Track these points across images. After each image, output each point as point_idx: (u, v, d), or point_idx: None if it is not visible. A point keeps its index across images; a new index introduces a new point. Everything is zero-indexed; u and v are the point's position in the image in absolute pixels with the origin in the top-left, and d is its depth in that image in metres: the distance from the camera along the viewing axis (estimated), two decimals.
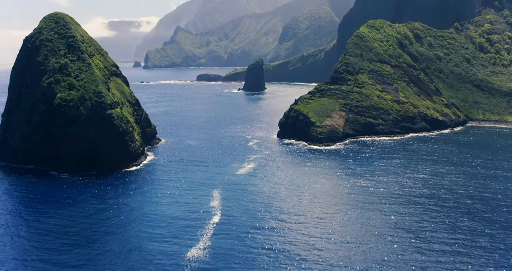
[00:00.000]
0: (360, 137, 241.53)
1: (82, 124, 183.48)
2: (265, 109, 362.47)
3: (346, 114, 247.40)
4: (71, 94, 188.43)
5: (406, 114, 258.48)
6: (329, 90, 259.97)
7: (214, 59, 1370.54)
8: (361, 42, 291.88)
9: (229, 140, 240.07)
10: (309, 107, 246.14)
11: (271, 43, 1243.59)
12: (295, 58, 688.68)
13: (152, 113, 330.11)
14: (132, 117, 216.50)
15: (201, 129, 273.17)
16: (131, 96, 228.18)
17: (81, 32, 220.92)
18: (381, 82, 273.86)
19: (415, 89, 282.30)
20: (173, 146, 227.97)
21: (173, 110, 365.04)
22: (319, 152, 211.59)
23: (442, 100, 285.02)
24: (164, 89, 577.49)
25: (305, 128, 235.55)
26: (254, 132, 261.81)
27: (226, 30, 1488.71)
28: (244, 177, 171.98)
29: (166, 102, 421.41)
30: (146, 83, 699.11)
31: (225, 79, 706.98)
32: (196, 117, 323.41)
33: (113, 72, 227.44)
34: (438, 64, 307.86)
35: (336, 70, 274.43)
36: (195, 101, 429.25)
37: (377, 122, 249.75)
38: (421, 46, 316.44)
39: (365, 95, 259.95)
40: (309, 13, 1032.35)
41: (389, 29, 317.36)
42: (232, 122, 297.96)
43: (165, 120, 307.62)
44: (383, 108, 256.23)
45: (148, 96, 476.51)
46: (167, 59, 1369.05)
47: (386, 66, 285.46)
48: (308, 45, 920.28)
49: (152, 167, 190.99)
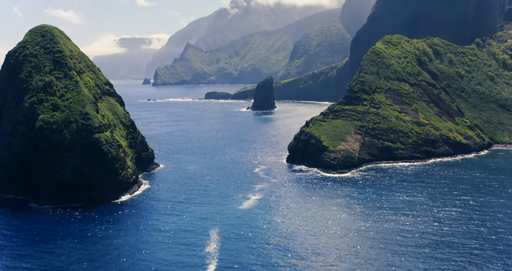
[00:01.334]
0: (377, 162, 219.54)
1: (66, 150, 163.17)
2: (274, 130, 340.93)
3: (361, 137, 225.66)
4: (55, 116, 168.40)
5: (427, 138, 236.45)
6: (343, 111, 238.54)
7: (224, 76, 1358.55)
8: (378, 58, 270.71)
9: (234, 165, 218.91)
10: (321, 130, 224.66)
11: (281, 61, 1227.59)
12: (306, 76, 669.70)
13: (153, 135, 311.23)
14: (126, 141, 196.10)
15: (204, 153, 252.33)
16: (126, 117, 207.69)
17: (70, 47, 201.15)
18: (399, 102, 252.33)
19: (435, 109, 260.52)
20: (172, 172, 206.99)
21: (176, 130, 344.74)
22: (333, 181, 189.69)
23: (465, 121, 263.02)
24: (171, 108, 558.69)
25: (317, 153, 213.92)
26: (262, 156, 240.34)
27: (236, 48, 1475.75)
28: (249, 212, 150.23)
29: (170, 122, 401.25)
30: (153, 101, 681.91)
31: (234, 97, 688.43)
32: (200, 138, 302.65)
33: (106, 91, 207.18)
34: (460, 83, 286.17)
35: (351, 89, 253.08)
36: (201, 121, 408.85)
37: (396, 147, 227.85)
38: (441, 63, 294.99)
39: (382, 117, 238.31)
40: (320, 30, 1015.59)
41: (406, 45, 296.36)
42: (238, 144, 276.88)
43: (167, 142, 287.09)
44: (402, 131, 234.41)
45: (153, 115, 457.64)
46: (176, 77, 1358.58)
47: (405, 85, 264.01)
48: (319, 63, 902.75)
49: (145, 198, 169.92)
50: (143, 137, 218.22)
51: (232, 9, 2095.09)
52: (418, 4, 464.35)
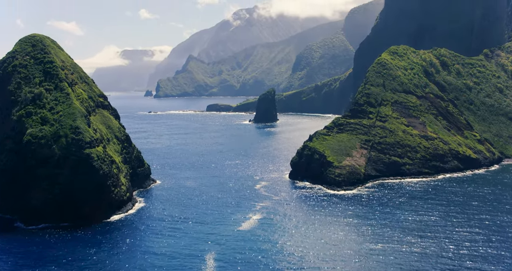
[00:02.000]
0: (384, 178, 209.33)
1: (54, 166, 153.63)
2: (276, 144, 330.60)
3: (367, 152, 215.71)
4: (44, 130, 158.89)
5: (435, 152, 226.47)
6: (348, 124, 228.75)
7: (226, 88, 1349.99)
8: (383, 70, 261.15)
9: (235, 182, 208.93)
10: (325, 144, 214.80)
11: (284, 73, 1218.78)
12: (308, 88, 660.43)
13: (152, 149, 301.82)
14: (120, 156, 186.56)
15: (203, 168, 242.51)
16: (120, 131, 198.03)
17: (62, 57, 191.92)
18: (406, 115, 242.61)
19: (444, 123, 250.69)
20: (169, 189, 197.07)
21: (175, 144, 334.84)
22: (339, 198, 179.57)
23: (474, 135, 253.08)
24: (171, 120, 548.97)
25: (321, 169, 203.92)
26: (263, 172, 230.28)
27: (238, 59, 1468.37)
28: (250, 234, 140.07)
29: (170, 135, 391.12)
30: (153, 113, 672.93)
31: (235, 109, 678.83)
32: (200, 152, 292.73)
33: (100, 103, 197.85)
34: (468, 95, 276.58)
35: (356, 102, 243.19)
36: (202, 134, 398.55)
37: (403, 162, 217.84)
38: (449, 74, 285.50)
39: (389, 130, 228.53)
40: (323, 41, 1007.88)
41: (413, 56, 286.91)
42: (239, 159, 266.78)
43: (165, 156, 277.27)
44: (409, 145, 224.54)
45: (153, 128, 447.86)
46: (178, 88, 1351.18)
47: (412, 97, 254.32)
48: (322, 75, 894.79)
49: (139, 217, 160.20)
50: (139, 151, 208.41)
51: (234, 21, 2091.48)
52: (422, 15, 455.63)
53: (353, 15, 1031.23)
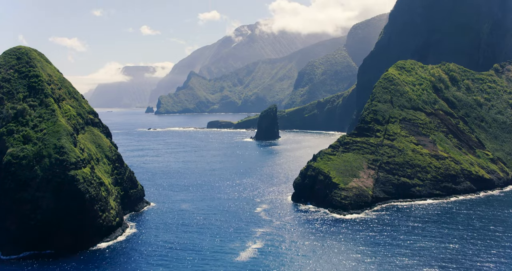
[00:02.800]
0: (393, 201, 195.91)
1: (36, 189, 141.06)
2: (278, 163, 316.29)
3: (375, 173, 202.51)
4: (26, 149, 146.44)
5: (447, 173, 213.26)
6: (354, 143, 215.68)
7: (227, 105, 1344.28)
8: (391, 85, 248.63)
9: (234, 204, 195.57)
10: (330, 164, 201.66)
11: (286, 89, 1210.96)
12: (311, 105, 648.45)
13: (148, 168, 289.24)
14: (110, 178, 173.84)
15: (201, 189, 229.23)
16: (111, 150, 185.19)
17: (49, 71, 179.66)
18: (415, 133, 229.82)
19: (454, 141, 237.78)
20: (163, 213, 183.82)
21: (173, 162, 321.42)
22: (345, 223, 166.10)
23: (486, 154, 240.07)
24: (171, 137, 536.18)
25: (326, 191, 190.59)
26: (264, 193, 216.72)
27: (240, 76, 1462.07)
28: (248, 265, 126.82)
29: (168, 153, 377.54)
30: (153, 130, 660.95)
31: (237, 126, 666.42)
32: (198, 172, 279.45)
33: (90, 120, 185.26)
34: (479, 112, 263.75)
35: (362, 119, 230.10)
36: (201, 152, 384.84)
37: (413, 183, 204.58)
38: (458, 90, 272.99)
39: (397, 150, 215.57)
40: (325, 58, 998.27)
41: (421, 71, 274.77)
42: (240, 179, 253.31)
43: (161, 176, 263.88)
44: (419, 165, 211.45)
45: (151, 146, 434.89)
46: (179, 105, 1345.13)
47: (421, 114, 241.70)
48: (324, 91, 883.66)
49: (129, 245, 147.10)
50: (132, 172, 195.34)
51: (236, 37, 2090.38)
52: (427, 30, 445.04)
53: (355, 31, 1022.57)
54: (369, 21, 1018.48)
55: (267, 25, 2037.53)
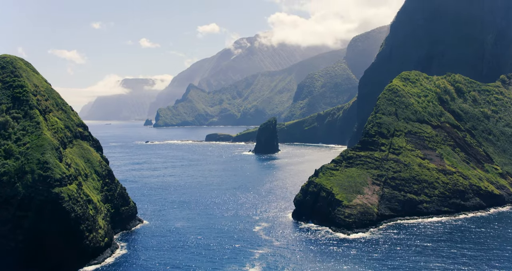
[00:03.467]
0: (400, 218, 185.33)
1: (18, 208, 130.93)
2: (278, 178, 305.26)
3: (380, 189, 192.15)
4: (7, 165, 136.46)
5: (455, 188, 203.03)
6: (358, 157, 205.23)
7: (226, 118, 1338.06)
8: (395, 97, 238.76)
9: (231, 222, 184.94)
10: (333, 180, 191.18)
11: (285, 102, 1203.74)
12: (311, 117, 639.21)
13: (143, 183, 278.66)
14: (100, 195, 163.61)
15: (197, 205, 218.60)
16: (101, 165, 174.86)
17: (35, 81, 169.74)
18: (421, 147, 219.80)
19: (462, 155, 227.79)
20: (156, 232, 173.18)
21: (169, 177, 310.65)
22: (350, 243, 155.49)
23: (495, 168, 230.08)
24: (168, 150, 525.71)
25: (328, 208, 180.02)
26: (263, 210, 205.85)
27: (239, 88, 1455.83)
28: None
29: (165, 167, 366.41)
30: (151, 143, 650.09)
31: (235, 139, 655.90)
32: (195, 187, 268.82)
33: (78, 134, 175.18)
34: (486, 124, 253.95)
35: (366, 132, 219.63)
36: (198, 166, 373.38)
37: (420, 199, 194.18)
38: (464, 102, 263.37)
39: (403, 164, 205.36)
40: (325, 70, 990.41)
41: (426, 82, 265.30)
42: (238, 195, 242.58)
43: (156, 192, 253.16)
44: (426, 181, 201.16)
45: (147, 159, 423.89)
46: (178, 118, 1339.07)
47: (427, 127, 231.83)
48: (324, 104, 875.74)
49: (117, 268, 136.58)
50: (124, 188, 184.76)
51: (235, 50, 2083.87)
52: (430, 41, 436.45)
53: (355, 44, 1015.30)
54: (369, 33, 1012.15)
55: (266, 37, 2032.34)
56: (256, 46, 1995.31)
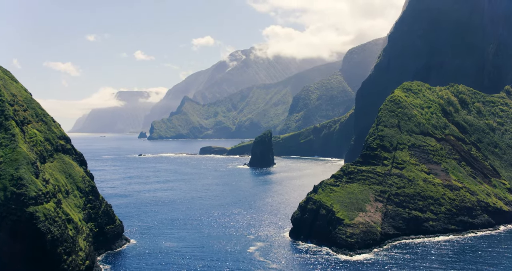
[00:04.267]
0: (404, 237, 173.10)
1: None
2: (274, 193, 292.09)
3: (383, 206, 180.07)
4: None
5: (462, 205, 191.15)
6: (359, 172, 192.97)
7: (221, 130, 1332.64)
8: (398, 108, 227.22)
9: (224, 242, 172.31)
10: (333, 197, 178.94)
11: (281, 114, 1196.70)
12: (307, 130, 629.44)
13: (131, 200, 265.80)
14: (82, 213, 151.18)
15: (188, 223, 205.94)
16: (85, 181, 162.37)
17: (13, 90, 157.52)
18: (426, 161, 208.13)
19: (468, 169, 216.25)
20: (144, 252, 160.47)
21: (160, 192, 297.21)
22: (354, 266, 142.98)
23: (503, 183, 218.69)
24: (162, 164, 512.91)
25: (329, 227, 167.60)
26: (259, 229, 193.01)
27: (234, 101, 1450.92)
28: None
29: (156, 182, 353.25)
30: (144, 156, 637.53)
31: (230, 152, 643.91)
32: (187, 203, 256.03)
33: (60, 147, 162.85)
34: (492, 137, 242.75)
35: (368, 146, 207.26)
36: (191, 181, 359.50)
37: (426, 217, 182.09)
38: (469, 113, 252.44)
39: (407, 179, 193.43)
40: (320, 82, 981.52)
41: (429, 93, 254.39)
42: (231, 212, 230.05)
43: (145, 208, 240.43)
44: (432, 197, 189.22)
45: (138, 174, 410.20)
46: (173, 130, 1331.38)
47: (431, 140, 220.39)
48: (320, 116, 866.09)
49: None
50: (109, 205, 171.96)
51: (230, 62, 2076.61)
52: (428, 52, 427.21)
53: (351, 56, 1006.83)
54: (364, 45, 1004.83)
55: (261, 50, 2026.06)
56: (251, 59, 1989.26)
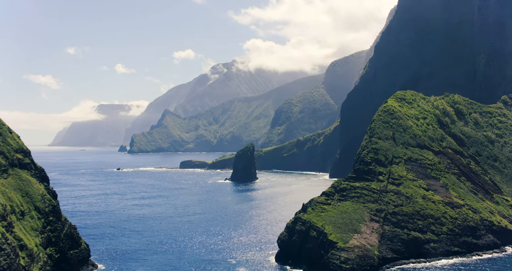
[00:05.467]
0: (404, 262, 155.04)
1: None
2: (257, 210, 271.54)
3: (380, 226, 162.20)
4: None
5: (465, 224, 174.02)
6: (352, 189, 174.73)
7: (202, 144, 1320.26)
8: (392, 119, 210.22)
9: (202, 267, 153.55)
10: (325, 217, 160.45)
11: (262, 128, 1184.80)
12: (290, 144, 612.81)
13: (102, 218, 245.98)
14: (39, 237, 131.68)
15: (164, 245, 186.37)
16: (44, 200, 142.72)
17: None
18: (424, 176, 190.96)
19: (468, 184, 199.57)
20: None
21: (134, 210, 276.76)
22: None
23: (506, 199, 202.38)
24: (140, 178, 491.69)
25: (320, 251, 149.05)
26: (241, 251, 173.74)
27: (215, 114, 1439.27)
28: None
29: (132, 198, 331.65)
30: (122, 171, 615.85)
31: (211, 166, 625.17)
32: (162, 222, 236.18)
33: (16, 161, 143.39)
34: (491, 150, 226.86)
35: (361, 160, 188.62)
36: (169, 197, 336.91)
37: (427, 238, 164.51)
38: (466, 125, 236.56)
39: (405, 196, 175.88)
40: (303, 95, 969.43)
41: (423, 103, 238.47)
42: (211, 232, 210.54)
43: (117, 229, 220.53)
44: (432, 216, 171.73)
45: (115, 189, 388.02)
46: (153, 144, 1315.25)
47: (428, 153, 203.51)
48: (302, 130, 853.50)
49: None
50: (73, 226, 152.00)
51: (212, 75, 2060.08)
52: (417, 62, 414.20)
53: (333, 68, 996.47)
54: (347, 58, 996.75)
55: (243, 63, 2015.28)
56: (233, 72, 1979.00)
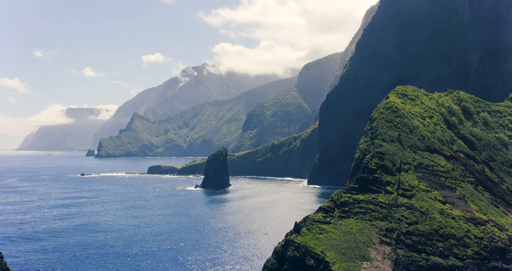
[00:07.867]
0: None
1: None
2: (234, 225, 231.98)
3: (392, 250, 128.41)
4: None
5: (493, 245, 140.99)
6: (356, 203, 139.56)
7: (172, 148, 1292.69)
8: (396, 118, 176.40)
9: None
10: (324, 240, 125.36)
11: (234, 132, 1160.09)
12: (264, 148, 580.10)
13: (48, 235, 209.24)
14: None
15: (121, 266, 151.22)
16: None
17: None
18: (438, 186, 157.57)
19: (487, 195, 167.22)
20: None
21: (91, 225, 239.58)
22: None
23: None
24: (103, 185, 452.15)
25: None
26: None
27: (186, 118, 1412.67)
28: None
29: (91, 214, 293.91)
30: (86, 176, 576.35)
31: (181, 172, 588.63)
32: (121, 240, 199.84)
33: None
34: (505, 154, 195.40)
35: (365, 167, 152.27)
36: (132, 208, 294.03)
37: (450, 265, 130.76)
38: (474, 125, 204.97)
39: (419, 212, 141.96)
40: (275, 99, 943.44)
41: (427, 100, 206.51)
42: (177, 252, 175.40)
43: (65, 250, 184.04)
44: (454, 236, 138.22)
45: (74, 199, 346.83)
46: (122, 148, 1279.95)
47: (439, 158, 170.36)
48: (275, 134, 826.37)
49: None
50: None
51: (182, 78, 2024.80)
52: (402, 61, 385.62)
53: (307, 71, 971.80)
54: (321, 60, 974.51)
55: (214, 66, 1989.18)
56: (204, 75, 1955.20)
